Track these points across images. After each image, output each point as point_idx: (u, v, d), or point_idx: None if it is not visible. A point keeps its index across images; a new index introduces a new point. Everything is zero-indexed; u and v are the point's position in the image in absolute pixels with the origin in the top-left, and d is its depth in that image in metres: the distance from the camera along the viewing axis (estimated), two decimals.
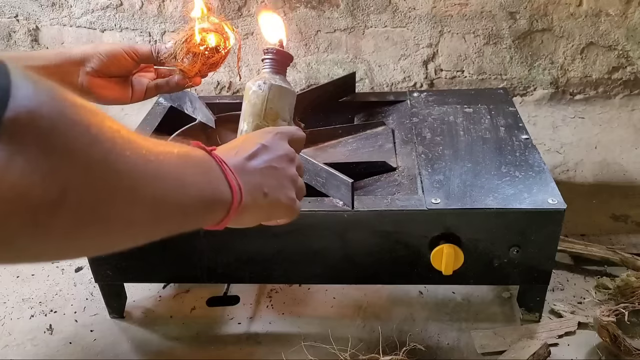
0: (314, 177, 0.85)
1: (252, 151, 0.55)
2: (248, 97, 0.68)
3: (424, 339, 0.90)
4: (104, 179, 0.37)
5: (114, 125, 0.39)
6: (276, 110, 0.67)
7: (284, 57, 0.71)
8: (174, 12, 1.55)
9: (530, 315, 0.92)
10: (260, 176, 0.55)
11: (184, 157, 0.46)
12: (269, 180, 0.55)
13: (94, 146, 0.36)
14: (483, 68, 1.52)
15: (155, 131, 1.05)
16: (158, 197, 0.42)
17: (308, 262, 0.88)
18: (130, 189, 0.39)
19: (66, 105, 0.35)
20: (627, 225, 1.13)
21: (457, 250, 0.81)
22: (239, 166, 0.53)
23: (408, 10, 1.47)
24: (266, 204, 0.55)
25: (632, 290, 0.90)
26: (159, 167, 0.42)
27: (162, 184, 0.42)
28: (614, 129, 1.45)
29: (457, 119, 1.04)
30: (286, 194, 0.57)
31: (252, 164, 0.54)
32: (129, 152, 0.39)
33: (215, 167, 0.50)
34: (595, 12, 1.43)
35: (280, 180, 0.57)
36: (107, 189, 0.37)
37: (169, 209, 0.43)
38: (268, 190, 0.55)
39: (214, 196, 0.48)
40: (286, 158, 0.59)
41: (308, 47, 1.55)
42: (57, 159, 0.34)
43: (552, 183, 0.85)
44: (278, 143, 0.59)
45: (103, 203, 0.37)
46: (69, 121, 0.35)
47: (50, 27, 1.64)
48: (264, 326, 0.94)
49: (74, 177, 0.35)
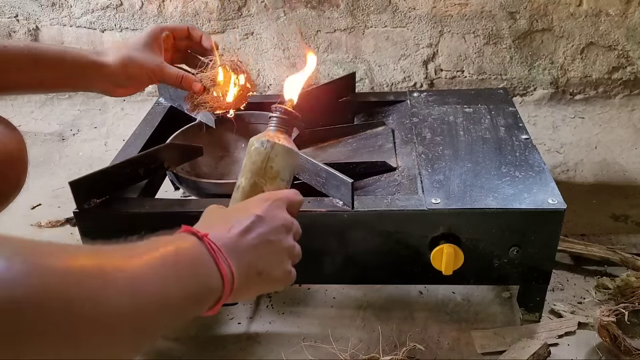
0: (314, 177, 0.85)
1: (247, 225, 0.55)
2: (250, 152, 0.67)
3: (424, 339, 0.90)
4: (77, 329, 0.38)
5: (92, 267, 0.40)
6: (277, 169, 0.66)
7: (292, 117, 0.70)
8: (174, 12, 1.55)
9: (530, 315, 0.92)
10: (255, 253, 0.54)
11: (170, 260, 0.47)
12: (263, 257, 0.55)
13: (69, 314, 0.38)
14: (483, 68, 1.52)
15: (155, 131, 1.05)
16: (142, 317, 0.43)
17: (308, 262, 0.88)
18: (111, 327, 0.40)
19: (41, 281, 0.37)
20: (627, 225, 1.13)
21: (457, 250, 0.81)
22: (232, 246, 0.52)
23: (408, 10, 1.47)
24: (260, 282, 0.56)
25: (632, 290, 0.90)
26: (139, 291, 0.43)
27: (145, 307, 0.43)
28: (614, 129, 1.45)
29: (457, 119, 1.04)
30: (282, 268, 0.58)
31: (246, 241, 0.54)
32: (111, 291, 0.40)
33: (205, 257, 0.50)
34: (595, 12, 1.43)
35: (276, 254, 0.57)
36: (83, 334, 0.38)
37: (154, 322, 0.45)
38: (262, 268, 0.55)
39: (204, 292, 0.49)
40: (283, 229, 0.58)
41: (308, 47, 1.55)
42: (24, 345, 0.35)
43: (552, 183, 0.85)
44: (274, 213, 0.58)
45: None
46: (45, 297, 0.36)
47: (50, 27, 1.64)
48: (263, 326, 0.94)
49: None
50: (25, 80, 0.79)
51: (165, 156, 0.91)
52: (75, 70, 0.80)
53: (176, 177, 0.93)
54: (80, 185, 0.83)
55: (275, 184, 0.66)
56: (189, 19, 1.55)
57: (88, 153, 1.50)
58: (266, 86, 1.62)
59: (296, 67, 1.59)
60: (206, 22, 1.55)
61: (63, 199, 1.30)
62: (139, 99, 1.66)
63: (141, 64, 0.81)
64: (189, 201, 0.91)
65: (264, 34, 1.55)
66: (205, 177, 0.94)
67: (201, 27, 1.55)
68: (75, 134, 1.58)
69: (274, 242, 0.57)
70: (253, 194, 0.64)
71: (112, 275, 0.41)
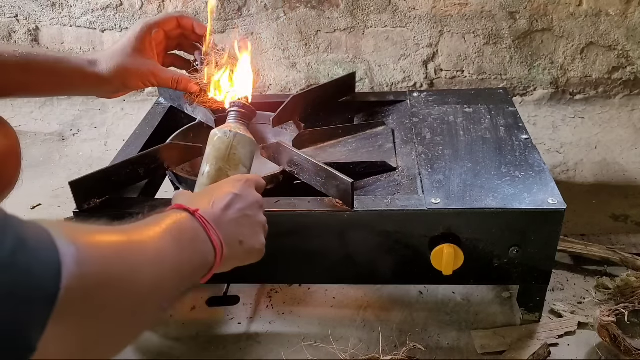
0: (314, 177, 0.85)
1: (227, 202, 0.62)
2: (213, 142, 0.75)
3: (424, 339, 0.90)
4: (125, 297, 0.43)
5: (133, 242, 0.47)
6: (239, 156, 0.74)
7: (250, 111, 0.79)
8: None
9: (530, 315, 0.92)
10: (236, 226, 0.62)
11: (174, 233, 0.53)
12: (244, 229, 0.62)
13: (125, 289, 0.43)
14: (483, 68, 1.52)
15: (155, 131, 1.05)
16: (164, 286, 0.49)
17: (308, 262, 0.88)
18: (145, 297, 0.46)
19: (106, 257, 0.42)
20: (627, 225, 1.13)
21: (457, 250, 0.81)
22: (217, 220, 0.59)
23: (408, 10, 1.47)
24: (242, 252, 0.62)
25: (632, 290, 0.90)
26: (162, 262, 0.49)
27: (166, 276, 0.49)
28: (614, 129, 1.45)
29: (457, 119, 1.04)
30: (259, 240, 0.65)
31: (228, 215, 0.61)
32: (145, 265, 0.46)
33: (199, 230, 0.56)
34: (595, 12, 1.43)
35: (254, 227, 0.64)
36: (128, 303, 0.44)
37: (169, 290, 0.50)
38: (243, 239, 0.62)
39: (202, 261, 0.56)
40: (256, 205, 0.65)
41: (308, 47, 1.55)
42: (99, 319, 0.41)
43: (552, 183, 0.85)
44: (248, 191, 0.65)
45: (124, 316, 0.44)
46: (112, 276, 0.41)
47: (50, 27, 1.64)
48: (264, 326, 0.94)
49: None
50: (15, 87, 0.79)
51: (165, 156, 0.91)
52: (68, 80, 0.80)
53: (176, 177, 0.93)
54: (80, 185, 0.83)
55: (238, 170, 0.74)
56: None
57: (88, 153, 1.50)
58: (266, 86, 1.62)
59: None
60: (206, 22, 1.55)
61: (63, 199, 1.30)
62: (139, 99, 1.66)
63: (134, 71, 0.81)
64: None
65: (264, 34, 1.55)
66: None
67: None
68: (75, 134, 1.58)
69: (250, 217, 0.63)
70: (218, 178, 0.72)
71: (141, 247, 0.47)
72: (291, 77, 1.60)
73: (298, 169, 0.87)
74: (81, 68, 0.79)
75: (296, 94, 1.07)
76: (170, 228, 0.52)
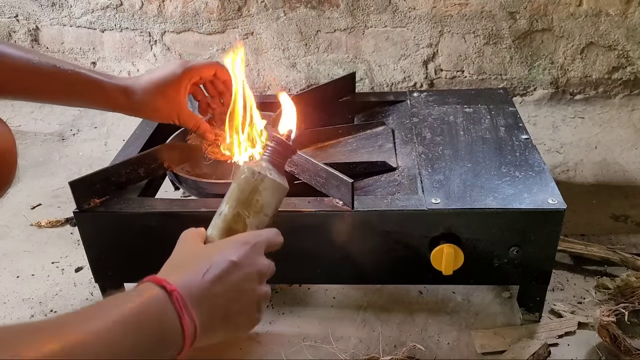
0: (314, 177, 0.85)
1: (221, 272, 0.55)
2: (239, 180, 0.66)
3: (424, 339, 0.90)
4: None
5: (59, 351, 0.42)
6: (262, 204, 0.65)
7: (287, 150, 0.69)
8: (174, 12, 1.55)
9: (530, 315, 0.92)
10: (225, 301, 0.55)
11: (133, 319, 0.47)
12: (233, 305, 0.56)
13: None
14: (483, 68, 1.52)
15: (155, 131, 1.05)
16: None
17: (308, 262, 0.88)
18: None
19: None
20: (627, 225, 1.13)
21: (457, 250, 0.81)
22: (202, 293, 0.53)
23: (408, 10, 1.47)
24: (227, 329, 0.56)
25: (632, 290, 0.90)
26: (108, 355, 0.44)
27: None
28: (614, 129, 1.45)
29: (457, 119, 1.04)
30: (249, 316, 0.58)
31: (217, 289, 0.54)
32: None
33: (169, 312, 0.50)
34: (595, 12, 1.43)
35: (245, 303, 0.57)
36: None
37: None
38: (229, 316, 0.56)
39: (163, 347, 0.50)
40: (256, 277, 0.59)
41: (308, 47, 1.55)
42: None
43: (552, 183, 0.85)
44: (251, 259, 0.59)
45: None
46: None
47: (50, 27, 1.64)
48: (263, 326, 0.94)
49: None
50: (41, 97, 0.84)
51: (165, 156, 0.91)
52: (101, 106, 0.87)
53: (176, 177, 0.93)
54: (80, 185, 0.83)
55: (258, 218, 0.65)
56: (189, 19, 1.55)
57: (88, 153, 1.50)
58: (266, 86, 1.62)
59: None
60: (206, 22, 1.55)
61: (63, 199, 1.30)
62: None
63: (163, 109, 0.87)
64: (189, 201, 0.91)
65: (263, 34, 1.55)
66: (205, 177, 0.94)
67: (201, 27, 1.55)
68: (75, 134, 1.58)
69: (245, 291, 0.57)
70: (234, 224, 0.64)
71: (80, 350, 0.42)
72: (291, 77, 1.60)
73: (298, 169, 0.87)
74: (114, 100, 0.84)
75: (296, 94, 1.07)
76: (130, 313, 0.48)
